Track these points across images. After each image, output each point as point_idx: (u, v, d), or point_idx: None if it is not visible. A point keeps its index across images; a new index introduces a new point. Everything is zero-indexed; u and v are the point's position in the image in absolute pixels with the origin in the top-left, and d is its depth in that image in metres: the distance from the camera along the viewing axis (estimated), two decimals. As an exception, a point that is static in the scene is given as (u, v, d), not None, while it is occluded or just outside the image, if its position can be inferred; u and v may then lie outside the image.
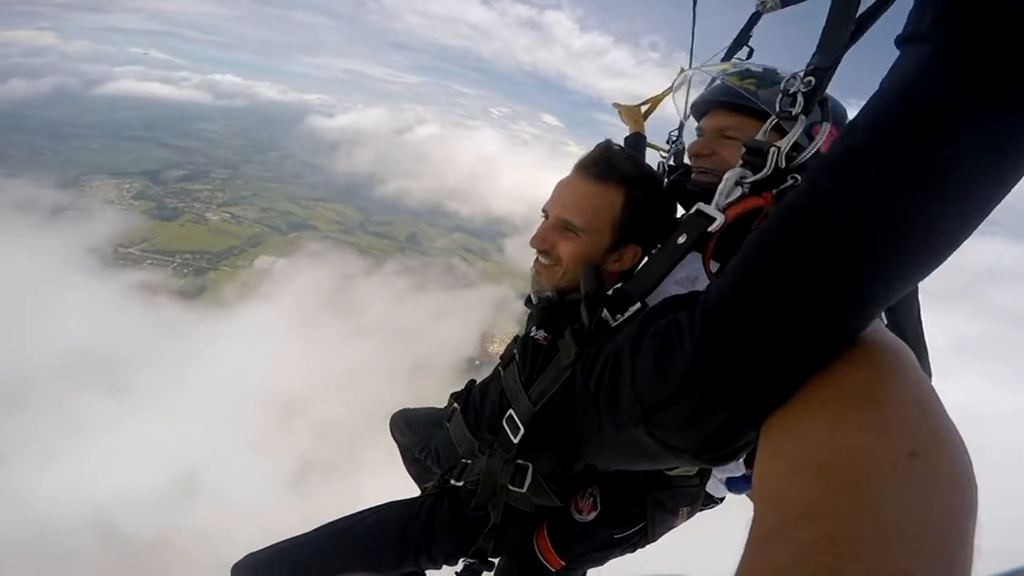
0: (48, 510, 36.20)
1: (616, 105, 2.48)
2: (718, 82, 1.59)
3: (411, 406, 2.44)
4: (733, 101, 1.49)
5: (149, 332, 55.16)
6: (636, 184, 1.35)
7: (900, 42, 0.63)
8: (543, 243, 1.40)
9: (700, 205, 1.10)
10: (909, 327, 1.25)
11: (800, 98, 1.02)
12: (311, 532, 1.63)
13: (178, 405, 48.88)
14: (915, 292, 1.29)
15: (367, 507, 1.64)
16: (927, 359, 1.27)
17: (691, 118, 1.81)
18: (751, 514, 0.54)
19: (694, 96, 1.81)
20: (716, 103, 1.57)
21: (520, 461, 1.35)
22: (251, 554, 1.67)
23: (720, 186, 1.10)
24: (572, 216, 1.36)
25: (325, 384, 52.95)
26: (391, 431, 2.40)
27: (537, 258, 1.45)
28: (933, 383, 1.00)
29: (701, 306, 0.80)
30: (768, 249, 0.70)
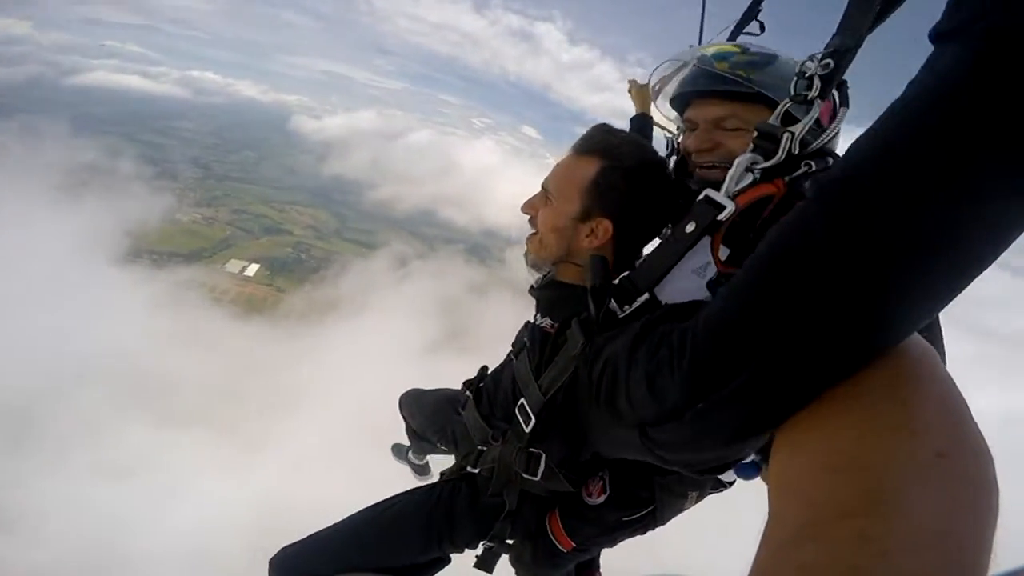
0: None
1: (631, 82, 2.39)
2: (694, 67, 1.52)
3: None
4: (723, 88, 1.41)
5: (195, 345, 46.72)
6: (614, 158, 1.35)
7: (934, 37, 0.55)
8: (527, 208, 1.51)
9: (709, 192, 1.12)
10: None
11: (817, 81, 1.03)
12: (340, 523, 1.72)
13: (270, 442, 39.40)
14: None
15: (389, 496, 1.71)
16: (941, 342, 1.21)
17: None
18: (769, 511, 0.55)
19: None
20: (704, 92, 1.49)
21: (533, 450, 1.41)
22: (285, 547, 1.74)
23: (731, 171, 1.11)
24: (550, 184, 1.45)
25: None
26: (400, 409, 2.53)
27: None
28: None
29: (691, 336, 0.80)
30: (754, 291, 0.70)
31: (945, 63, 0.53)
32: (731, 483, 1.72)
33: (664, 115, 1.85)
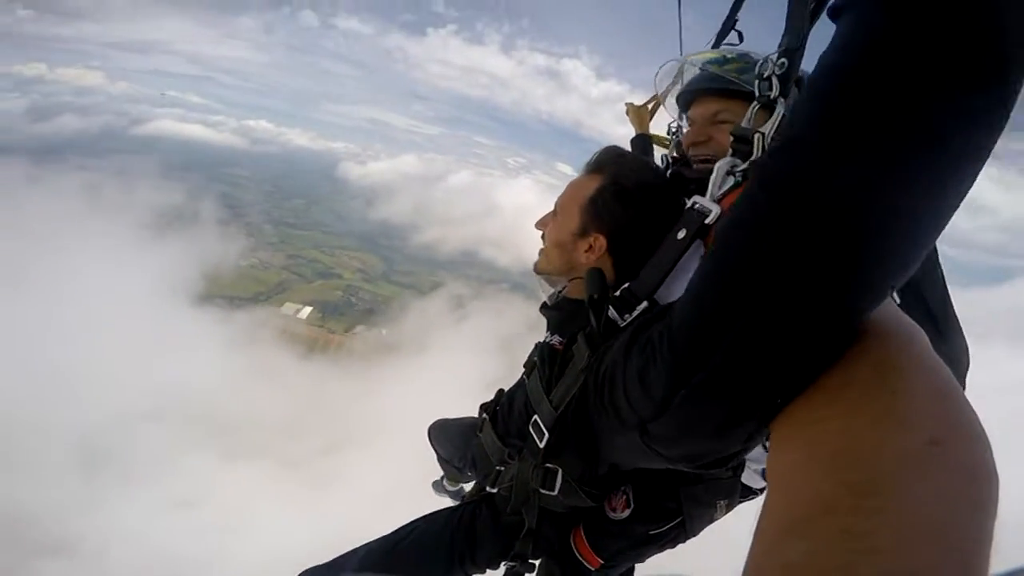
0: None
1: (627, 104, 2.48)
2: (697, 70, 1.67)
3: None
4: (718, 86, 1.56)
5: (261, 384, 47.58)
6: (614, 176, 1.41)
7: (833, 13, 0.58)
8: (539, 225, 1.58)
9: (696, 198, 1.19)
10: (934, 299, 1.20)
11: (775, 81, 1.09)
12: (363, 546, 1.71)
13: (334, 478, 39.34)
14: (936, 261, 1.28)
15: (413, 519, 1.72)
16: (960, 334, 1.21)
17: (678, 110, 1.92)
18: (762, 507, 0.53)
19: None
20: (701, 91, 1.64)
21: (549, 465, 1.42)
22: (306, 570, 1.71)
23: (712, 176, 1.18)
24: (557, 201, 1.53)
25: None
26: (429, 440, 2.57)
27: None
28: (971, 360, 1.20)
29: (667, 331, 0.82)
30: (716, 273, 0.71)
31: (846, 31, 0.55)
32: (761, 490, 1.73)
33: (671, 114, 2.09)
